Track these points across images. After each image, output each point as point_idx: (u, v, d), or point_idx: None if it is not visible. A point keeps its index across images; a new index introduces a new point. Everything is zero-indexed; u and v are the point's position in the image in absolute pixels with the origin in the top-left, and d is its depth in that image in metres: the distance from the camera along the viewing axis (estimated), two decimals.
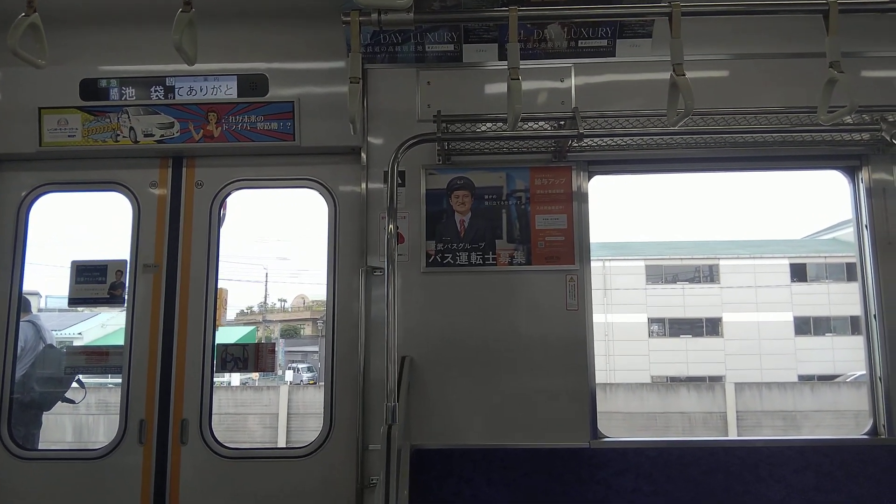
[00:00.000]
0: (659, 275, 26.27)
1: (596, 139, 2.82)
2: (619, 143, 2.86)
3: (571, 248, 2.96)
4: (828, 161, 3.10)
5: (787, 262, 26.17)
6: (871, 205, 3.00)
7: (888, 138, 2.61)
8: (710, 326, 25.64)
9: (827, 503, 2.69)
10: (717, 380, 21.60)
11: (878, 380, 2.93)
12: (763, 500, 2.69)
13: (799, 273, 25.93)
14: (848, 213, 3.19)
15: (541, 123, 2.87)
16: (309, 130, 3.04)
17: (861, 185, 3.04)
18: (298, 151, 3.08)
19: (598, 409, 2.91)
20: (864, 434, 2.93)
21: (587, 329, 2.92)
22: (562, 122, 2.81)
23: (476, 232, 2.97)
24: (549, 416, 2.86)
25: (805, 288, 25.70)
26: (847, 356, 23.41)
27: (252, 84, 3.08)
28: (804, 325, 25.30)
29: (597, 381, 2.89)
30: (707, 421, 15.85)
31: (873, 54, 3.05)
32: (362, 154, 3.03)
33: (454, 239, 2.97)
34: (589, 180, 3.03)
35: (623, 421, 14.08)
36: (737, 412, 16.37)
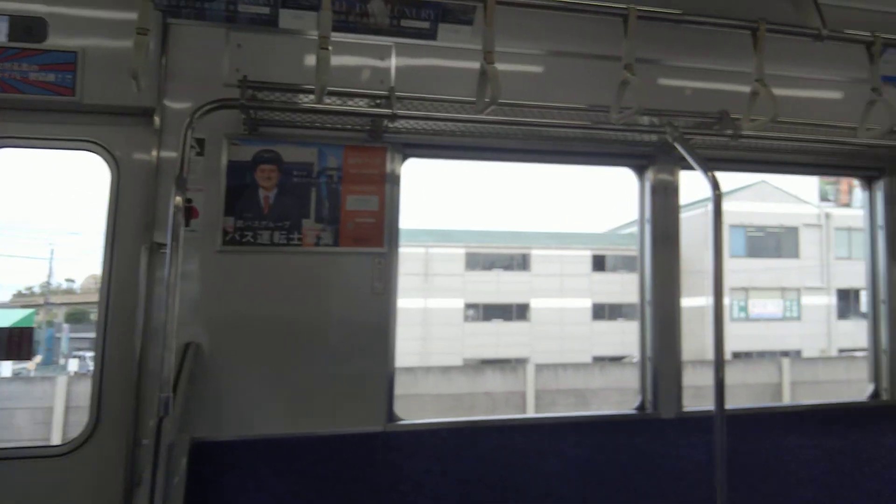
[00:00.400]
0: (477, 262, 27.60)
1: (412, 121, 2.76)
2: (433, 127, 2.83)
3: (381, 230, 2.90)
4: (622, 159, 3.34)
5: (589, 253, 28.82)
6: (653, 202, 3.29)
7: (670, 140, 2.86)
8: (520, 311, 27.48)
9: (598, 472, 2.96)
10: (523, 361, 23.24)
11: (647, 360, 3.27)
12: (543, 474, 2.90)
13: (598, 264, 28.76)
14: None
15: (356, 100, 2.75)
16: (93, 86, 2.63)
17: (647, 183, 3.32)
18: (79, 109, 2.66)
19: (410, 392, 2.93)
20: (633, 409, 3.27)
21: (391, 313, 2.90)
22: (378, 102, 2.71)
23: (282, 209, 2.79)
24: (346, 401, 2.81)
25: (603, 277, 28.52)
26: (635, 339, 27.45)
27: (27, 28, 2.59)
28: (601, 311, 28.17)
29: (413, 365, 2.90)
30: (509, 400, 17.13)
31: (669, 63, 3.31)
32: (155, 117, 2.69)
33: (257, 216, 2.76)
34: (403, 162, 2.98)
35: (430, 403, 14.70)
36: (535, 391, 17.79)
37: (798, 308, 28.33)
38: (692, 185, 3.35)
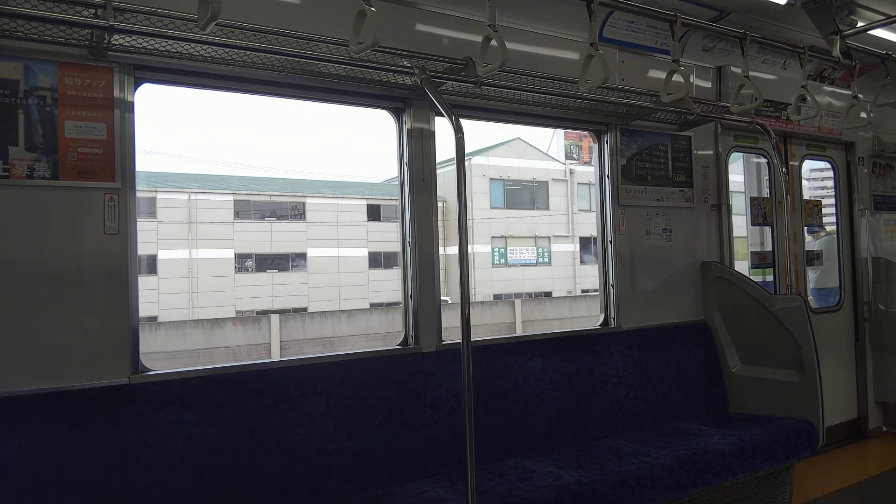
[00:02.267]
0: (248, 210, 26.77)
1: (142, 39, 2.46)
2: (170, 48, 2.56)
3: (112, 163, 2.58)
4: (380, 101, 3.36)
5: (364, 202, 29.43)
6: (410, 146, 3.36)
7: (419, 83, 2.92)
8: (296, 261, 27.41)
9: (362, 407, 2.98)
10: (301, 311, 23.55)
11: (409, 298, 3.35)
12: (306, 413, 2.84)
13: (374, 213, 29.53)
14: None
15: (74, 8, 2.36)
16: None
17: (404, 126, 3.38)
18: None
19: (163, 347, 2.65)
20: (396, 345, 3.34)
21: (130, 256, 2.62)
22: (97, 11, 2.37)
23: None
24: (81, 354, 2.50)
25: (379, 226, 29.31)
26: None
27: None
28: (377, 260, 29.14)
29: (172, 319, 2.63)
30: (251, 352, 17.12)
31: (426, 8, 3.38)
32: None
33: None
34: (136, 88, 2.67)
35: (161, 361, 14.04)
36: (280, 342, 17.90)
37: (549, 254, 31.87)
38: (443, 134, 3.50)
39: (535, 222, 31.17)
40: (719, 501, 3.45)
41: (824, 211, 5.56)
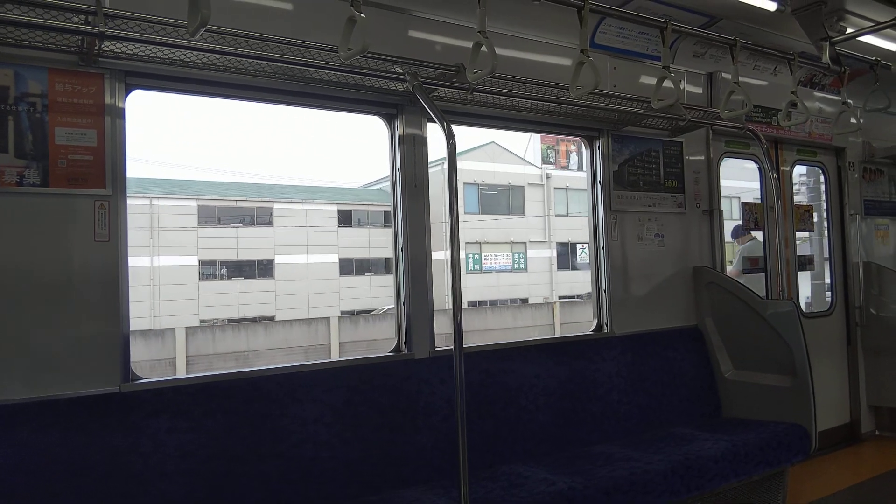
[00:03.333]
0: (212, 216, 26.53)
1: (132, 46, 2.46)
2: (161, 54, 2.56)
3: (102, 170, 2.57)
4: (372, 107, 3.36)
5: (335, 207, 29.08)
6: (403, 152, 3.37)
7: (411, 89, 2.93)
8: (263, 268, 27.08)
9: (355, 414, 2.97)
10: (269, 319, 23.11)
11: (402, 304, 3.35)
12: (300, 420, 2.83)
13: (345, 219, 29.30)
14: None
15: (65, 14, 2.35)
16: None
17: (396, 133, 3.38)
18: None
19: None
20: (390, 352, 3.34)
21: (121, 263, 2.61)
22: (88, 18, 2.37)
23: None
24: (72, 362, 2.48)
25: (350, 232, 29.13)
26: (384, 292, 27.43)
27: None
28: (348, 266, 28.90)
29: (144, 328, 2.61)
30: (154, 367, 16.29)
31: (419, 14, 3.39)
32: None
33: None
34: (126, 94, 2.67)
35: None
36: (186, 356, 17.38)
37: (525, 260, 31.43)
38: (435, 140, 3.50)
39: (510, 228, 30.78)
40: None
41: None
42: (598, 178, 4.14)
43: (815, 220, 5.60)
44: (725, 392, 4.19)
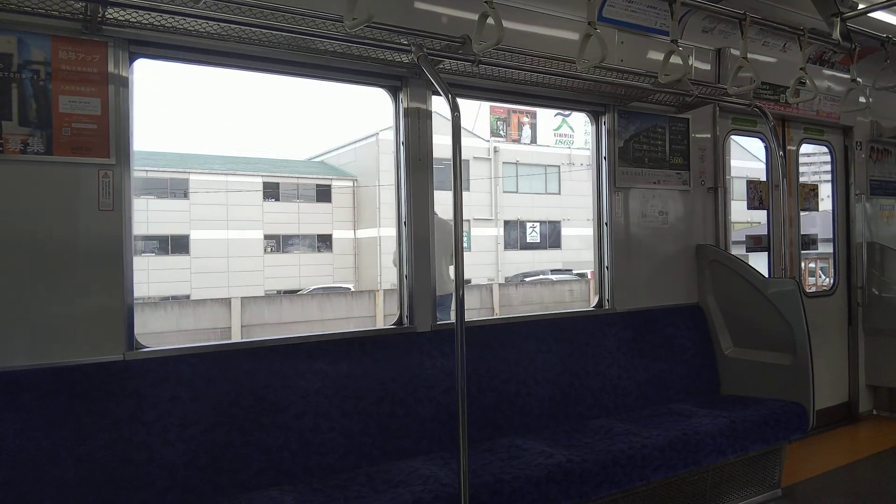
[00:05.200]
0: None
1: (136, 13, 2.44)
2: (165, 22, 2.54)
3: (107, 139, 2.57)
4: (376, 79, 3.33)
5: (260, 179, 27.31)
6: (406, 124, 3.35)
7: (416, 60, 2.90)
8: (177, 244, 25.49)
9: (356, 386, 3.00)
10: (183, 298, 21.63)
11: (405, 278, 3.36)
12: (301, 391, 2.86)
13: (273, 192, 27.66)
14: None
15: None
16: None
17: (401, 105, 3.36)
18: None
19: None
20: (392, 325, 3.36)
21: (125, 233, 2.62)
22: None
23: None
24: (75, 330, 2.51)
25: (277, 206, 27.53)
26: (313, 272, 26.60)
27: None
28: (274, 243, 27.52)
29: None
30: None
31: None
32: None
33: None
34: (130, 63, 2.65)
35: None
36: None
37: (469, 239, 29.23)
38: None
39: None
40: (709, 481, 3.49)
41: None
42: (603, 154, 4.11)
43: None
44: (725, 369, 4.22)
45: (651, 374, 3.97)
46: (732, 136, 4.91)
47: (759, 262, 4.77)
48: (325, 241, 29.07)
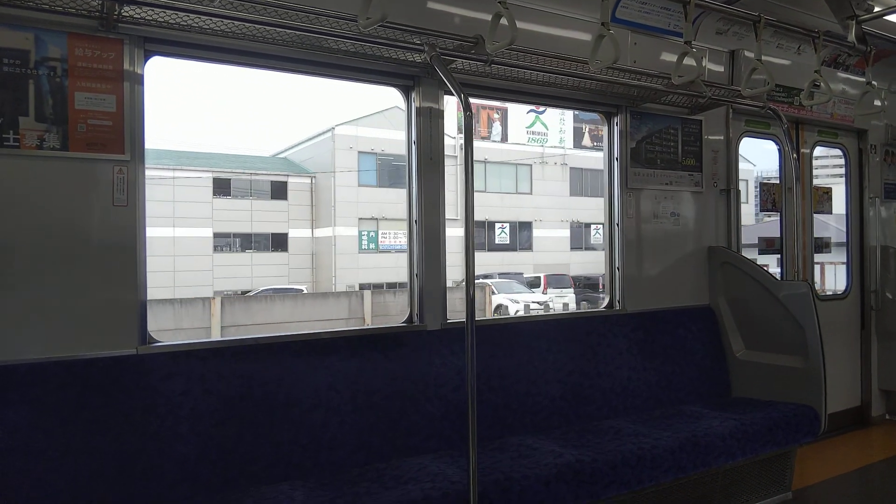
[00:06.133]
0: None
1: (152, 11, 2.46)
2: (181, 21, 2.56)
3: (121, 135, 2.59)
4: (389, 78, 3.34)
5: (210, 175, 26.20)
6: (419, 124, 3.36)
7: (428, 60, 2.91)
8: None
9: (368, 382, 3.01)
10: None
11: (415, 276, 3.37)
12: (312, 387, 2.87)
13: (223, 188, 26.59)
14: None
15: None
16: None
17: (413, 105, 3.37)
18: None
19: None
20: (402, 322, 3.36)
21: (139, 228, 2.64)
22: None
23: None
24: (90, 324, 2.53)
25: (227, 203, 26.46)
26: (265, 272, 25.39)
27: None
28: (224, 241, 26.46)
29: None
30: None
31: None
32: None
33: None
34: (145, 60, 2.68)
35: None
36: None
37: None
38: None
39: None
40: (719, 483, 3.48)
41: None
42: (616, 155, 4.10)
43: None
44: (736, 372, 4.19)
45: (661, 376, 3.96)
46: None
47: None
48: (281, 241, 27.81)
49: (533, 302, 21.99)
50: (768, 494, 3.73)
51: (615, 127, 4.11)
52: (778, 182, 5.17)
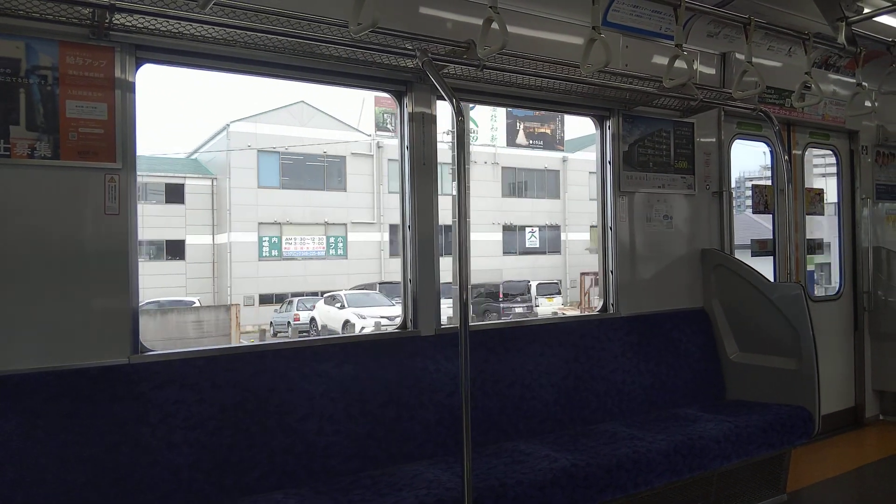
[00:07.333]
0: None
1: (143, 19, 2.46)
2: (172, 28, 2.55)
3: (113, 143, 2.59)
4: (382, 83, 3.35)
5: None
6: (411, 129, 3.36)
7: (420, 65, 2.91)
8: None
9: (360, 390, 3.00)
10: None
11: (409, 282, 3.37)
12: (306, 395, 2.87)
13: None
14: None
15: None
16: None
17: (406, 110, 3.37)
18: None
19: None
20: (396, 329, 3.36)
21: (130, 236, 2.63)
22: None
23: None
24: (81, 334, 2.52)
25: (149, 209, 24.71)
26: (157, 282, 23.50)
27: None
28: (145, 250, 24.73)
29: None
30: None
31: None
32: None
33: None
34: (137, 68, 2.67)
35: None
36: None
37: (344, 245, 25.79)
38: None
39: (325, 206, 25.13)
40: (714, 486, 3.48)
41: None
42: (608, 159, 4.11)
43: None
44: (730, 374, 4.20)
45: (656, 379, 3.96)
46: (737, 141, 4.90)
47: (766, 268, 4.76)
48: (177, 248, 26.22)
49: (382, 317, 18.83)
50: (763, 496, 3.74)
51: (607, 130, 4.12)
52: (770, 184, 5.19)
